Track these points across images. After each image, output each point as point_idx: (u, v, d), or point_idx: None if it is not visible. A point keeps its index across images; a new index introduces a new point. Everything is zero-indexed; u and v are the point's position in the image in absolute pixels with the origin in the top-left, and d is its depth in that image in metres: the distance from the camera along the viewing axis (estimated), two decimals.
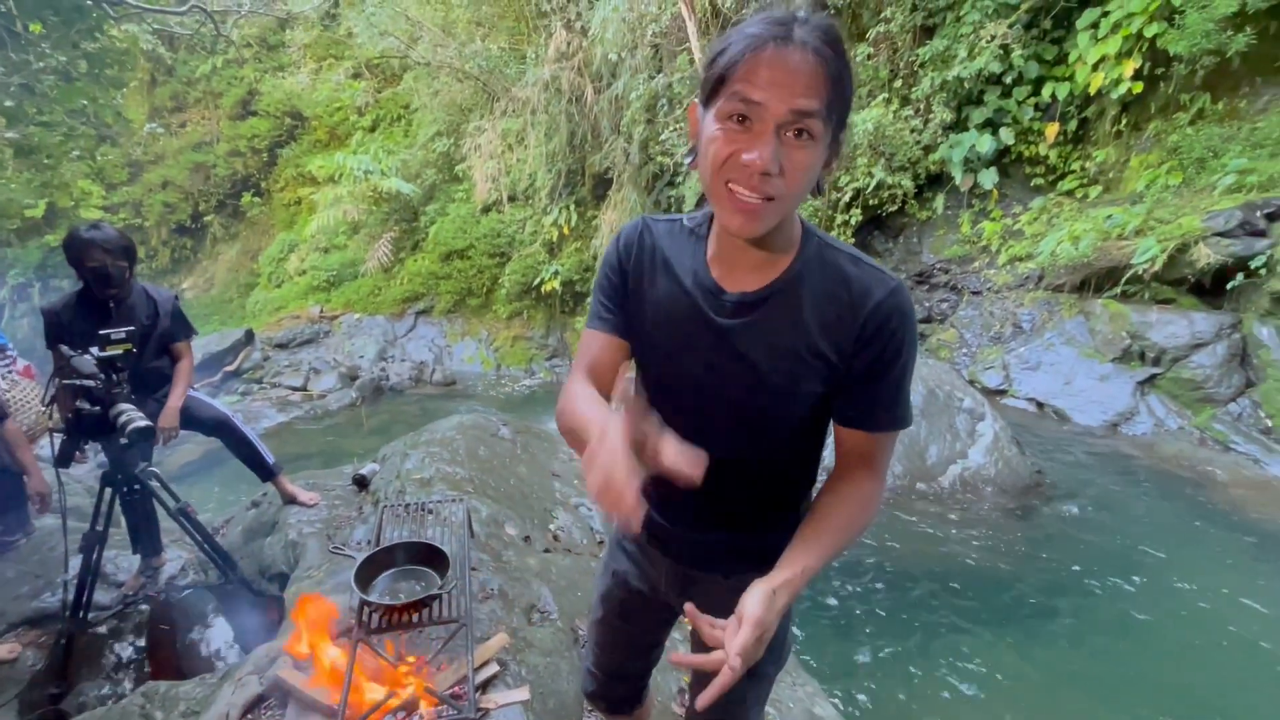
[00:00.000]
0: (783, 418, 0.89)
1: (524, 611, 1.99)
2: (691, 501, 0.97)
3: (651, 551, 1.08)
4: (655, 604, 1.14)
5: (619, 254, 0.95)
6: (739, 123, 0.71)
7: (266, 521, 2.78)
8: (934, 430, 4.26)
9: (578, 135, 8.68)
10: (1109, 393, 4.92)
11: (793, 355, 0.83)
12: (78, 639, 2.34)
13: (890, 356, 0.81)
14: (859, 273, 0.82)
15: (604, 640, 1.25)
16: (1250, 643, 2.68)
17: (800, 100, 0.69)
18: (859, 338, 0.81)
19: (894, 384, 0.83)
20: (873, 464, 0.88)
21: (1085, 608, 2.98)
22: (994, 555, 3.39)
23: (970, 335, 6.04)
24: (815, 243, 0.85)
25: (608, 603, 1.20)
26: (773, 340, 0.83)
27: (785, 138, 0.70)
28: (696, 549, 1.02)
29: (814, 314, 0.82)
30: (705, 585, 1.04)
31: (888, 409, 0.85)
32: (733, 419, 0.89)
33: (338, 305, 10.31)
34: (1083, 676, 2.55)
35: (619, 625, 1.20)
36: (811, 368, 0.83)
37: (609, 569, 1.19)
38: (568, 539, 2.61)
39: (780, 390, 0.85)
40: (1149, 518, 3.74)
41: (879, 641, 2.80)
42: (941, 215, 6.67)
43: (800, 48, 0.69)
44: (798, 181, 0.72)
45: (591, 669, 1.29)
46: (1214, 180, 4.97)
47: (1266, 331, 4.50)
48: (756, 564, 1.00)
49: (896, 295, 0.81)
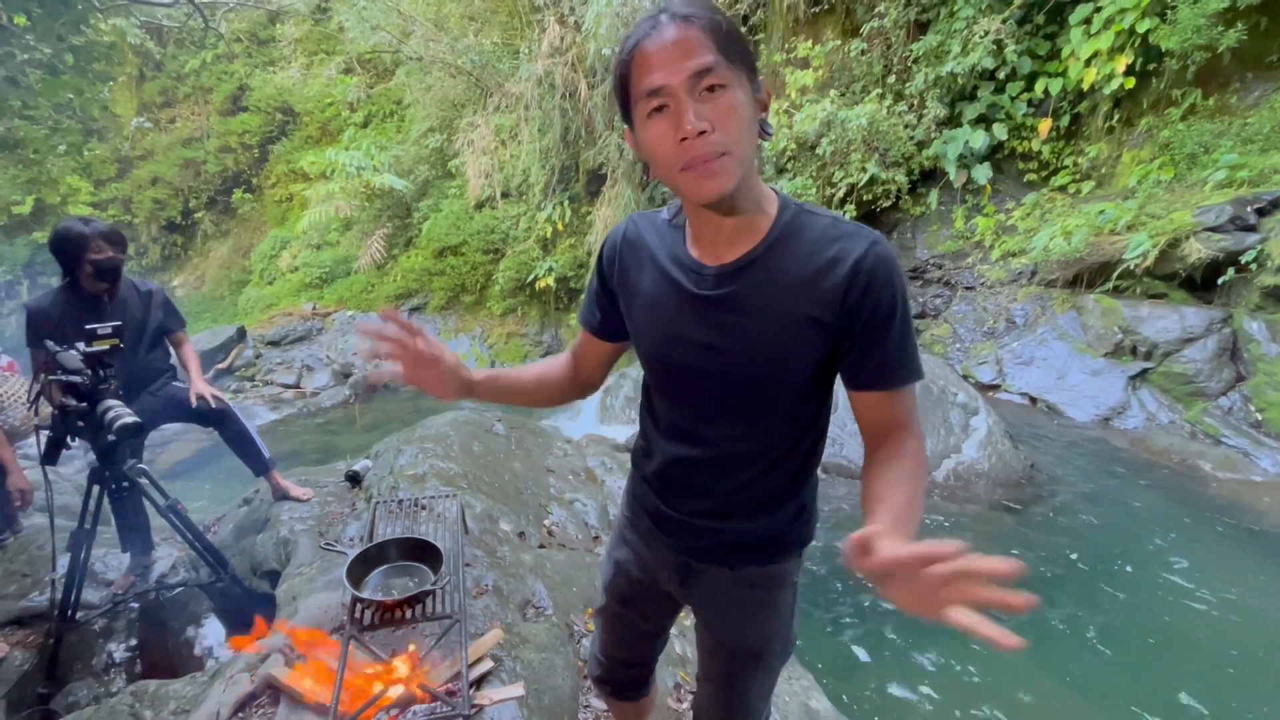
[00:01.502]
0: (781, 389, 0.87)
1: (519, 607, 1.98)
2: (697, 490, 0.97)
3: (654, 541, 1.08)
4: (656, 593, 1.14)
5: (603, 260, 0.99)
6: (659, 113, 0.76)
7: (258, 518, 2.76)
8: (928, 425, 4.27)
9: (571, 131, 8.64)
10: (1101, 387, 4.94)
11: (782, 318, 0.83)
12: (67, 638, 2.31)
13: (886, 309, 0.81)
14: (839, 231, 0.83)
15: (608, 627, 1.26)
16: (1240, 636, 2.69)
17: (691, 62, 0.73)
18: (847, 294, 0.80)
19: (897, 336, 0.83)
20: (903, 423, 0.86)
21: (1078, 600, 3.00)
22: (987, 548, 3.39)
23: (964, 330, 6.06)
24: (793, 209, 0.86)
25: (611, 591, 1.21)
26: (759, 305, 0.84)
27: (700, 97, 0.74)
28: (700, 539, 1.02)
29: (798, 275, 0.82)
30: (708, 576, 1.04)
31: (898, 363, 0.84)
32: (733, 399, 0.89)
33: (330, 302, 10.25)
34: (1075, 669, 2.56)
35: (621, 613, 1.21)
36: (802, 330, 0.83)
37: (611, 558, 1.20)
38: (562, 534, 2.60)
39: (775, 357, 0.84)
40: (1141, 511, 3.76)
41: (871, 636, 2.80)
42: (935, 211, 6.68)
43: (670, 22, 0.74)
44: (733, 125, 0.75)
45: (598, 654, 1.31)
46: (1205, 175, 4.99)
47: (1256, 326, 4.53)
48: (759, 555, 1.00)
49: (878, 246, 0.81)
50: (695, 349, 0.88)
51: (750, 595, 1.02)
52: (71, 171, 11.12)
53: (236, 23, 13.32)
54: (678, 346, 0.89)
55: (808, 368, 0.85)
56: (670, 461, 0.98)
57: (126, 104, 14.03)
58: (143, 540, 2.70)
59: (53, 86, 5.49)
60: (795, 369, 0.85)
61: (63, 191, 10.62)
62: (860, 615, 2.95)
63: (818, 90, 6.98)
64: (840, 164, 6.57)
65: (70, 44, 5.34)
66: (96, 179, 13.20)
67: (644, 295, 0.93)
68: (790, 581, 1.04)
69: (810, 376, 0.86)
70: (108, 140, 13.53)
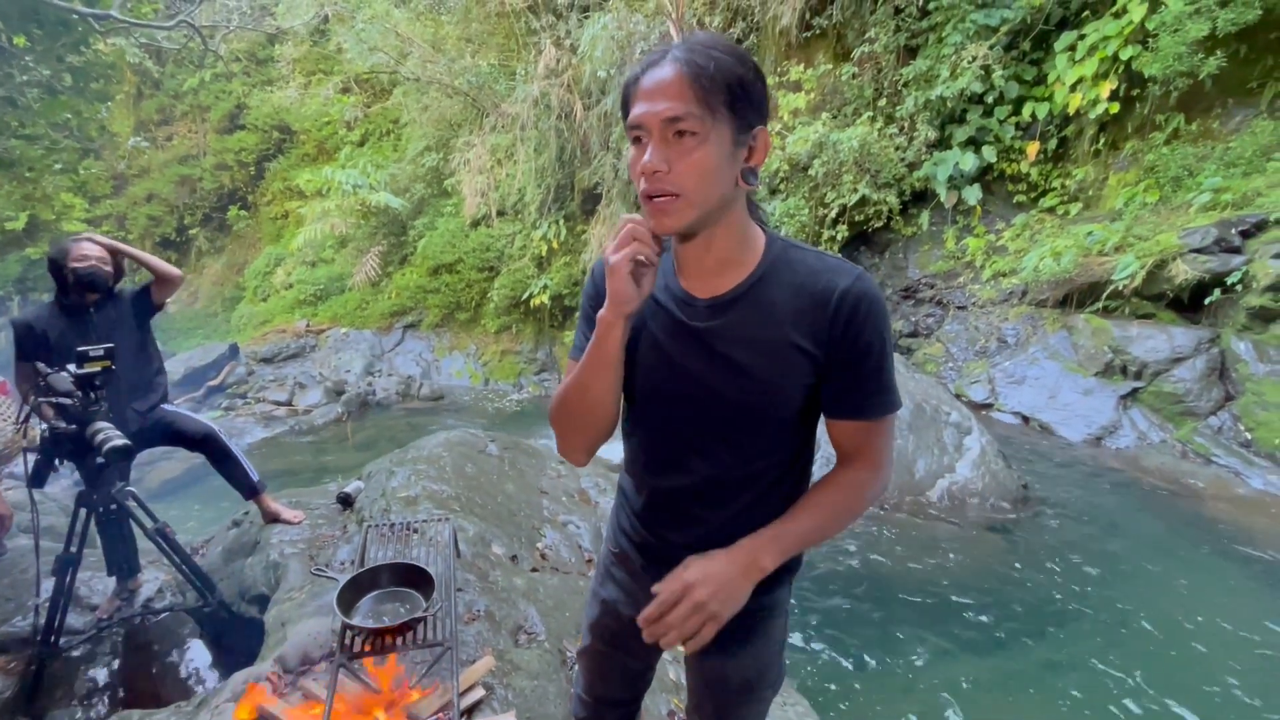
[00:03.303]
0: (772, 419, 0.89)
1: (511, 633, 1.96)
2: (688, 521, 0.97)
3: (645, 578, 1.06)
4: None
5: (595, 285, 0.99)
6: (637, 143, 0.81)
7: (248, 541, 2.72)
8: (922, 444, 4.28)
9: (567, 151, 8.73)
10: (1093, 406, 4.97)
11: (772, 349, 0.86)
12: (49, 664, 2.26)
13: (866, 341, 0.84)
14: (824, 265, 0.87)
15: (594, 668, 1.22)
16: (1231, 657, 2.69)
17: (667, 107, 0.76)
18: (832, 325, 0.84)
19: (875, 368, 0.86)
20: (869, 453, 0.90)
21: (1070, 621, 2.99)
22: (980, 568, 3.40)
23: (956, 350, 6.10)
24: (780, 245, 0.90)
25: (597, 631, 1.18)
26: (750, 337, 0.86)
27: (670, 139, 0.78)
28: None
29: (787, 308, 0.85)
30: None
31: (874, 394, 0.87)
32: (723, 428, 0.90)
33: (324, 319, 10.23)
34: (1068, 690, 2.54)
35: (609, 653, 1.18)
36: (792, 361, 0.85)
37: (597, 597, 1.17)
38: (555, 558, 2.58)
39: (765, 387, 0.87)
40: (1133, 530, 3.77)
41: (865, 656, 2.78)
42: (926, 231, 6.77)
43: (670, 64, 0.77)
44: (689, 173, 0.78)
45: (582, 695, 1.27)
46: (1190, 198, 5.09)
47: (1244, 346, 4.58)
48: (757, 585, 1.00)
49: (862, 281, 0.85)
50: (687, 379, 0.89)
51: (743, 625, 1.02)
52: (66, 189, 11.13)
53: (236, 43, 13.44)
54: (669, 376, 0.91)
55: (797, 397, 0.88)
56: (660, 493, 0.98)
57: (124, 121, 14.09)
58: (129, 563, 2.65)
59: (51, 106, 5.52)
60: (785, 398, 0.87)
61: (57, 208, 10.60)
62: (852, 635, 2.92)
63: (810, 113, 7.09)
64: (832, 185, 6.66)
65: (69, 64, 5.38)
66: (91, 196, 13.20)
67: (635, 324, 0.93)
68: (783, 610, 1.04)
69: (799, 406, 0.89)
70: (104, 158, 13.56)
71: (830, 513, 0.89)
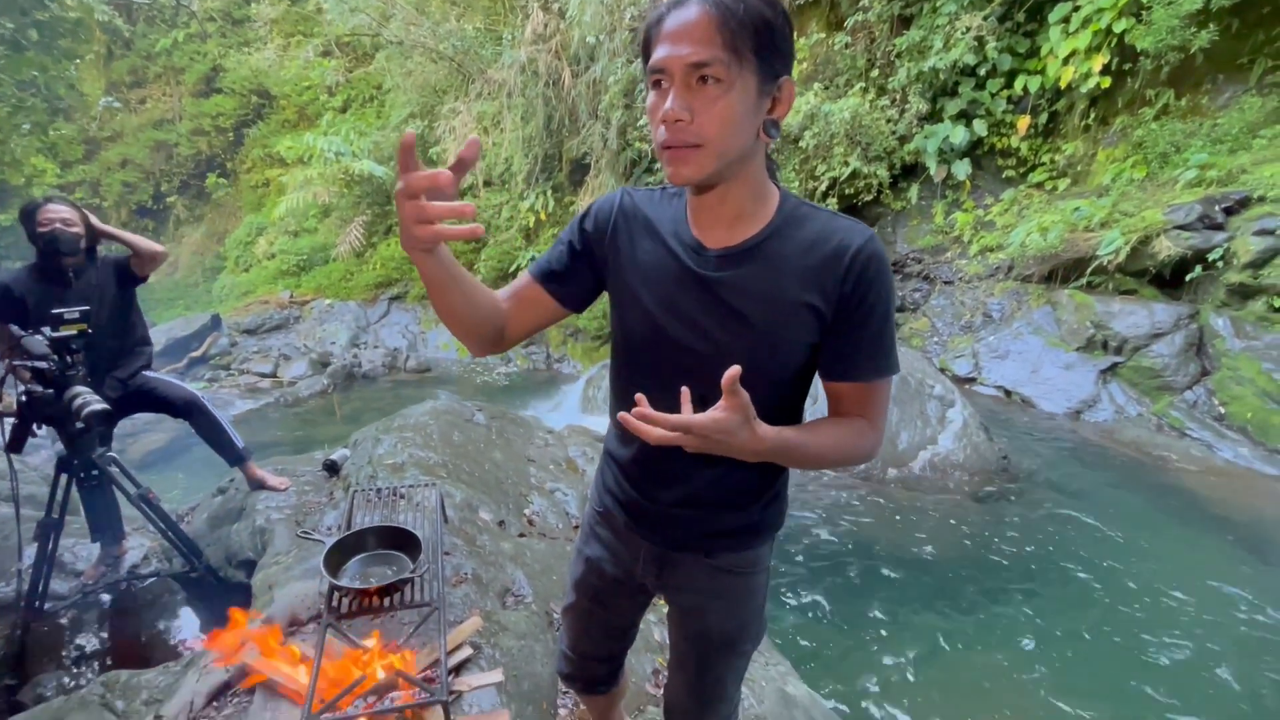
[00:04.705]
0: (772, 376, 0.88)
1: (498, 595, 1.98)
2: (676, 478, 0.97)
3: (629, 535, 1.07)
4: (630, 588, 1.14)
5: (590, 221, 0.96)
6: (657, 87, 0.78)
7: (233, 508, 2.72)
8: (905, 416, 4.34)
9: (555, 119, 8.57)
10: (1073, 381, 5.06)
11: (781, 305, 0.84)
12: (34, 629, 2.26)
13: (873, 301, 0.83)
14: (836, 224, 0.86)
15: (578, 624, 1.24)
16: (1196, 615, 2.80)
17: (692, 52, 0.73)
18: (843, 284, 0.83)
19: (878, 330, 0.85)
20: (867, 415, 0.89)
21: (1044, 588, 3.08)
22: (960, 537, 3.48)
23: (941, 324, 6.15)
24: (793, 202, 0.88)
25: (581, 588, 1.19)
26: (759, 291, 0.85)
27: (694, 86, 0.75)
28: (678, 529, 1.02)
29: (798, 264, 0.84)
30: (685, 565, 1.04)
31: (876, 355, 0.86)
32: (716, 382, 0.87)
33: (308, 290, 10.08)
34: (1040, 656, 2.63)
35: (593, 609, 1.20)
36: (800, 317, 0.84)
37: (582, 555, 1.18)
38: (542, 523, 2.60)
39: (771, 342, 0.86)
40: (1106, 500, 3.87)
41: (846, 623, 2.85)
42: (916, 205, 6.76)
43: (696, 3, 0.74)
44: (713, 122, 0.75)
45: (566, 651, 1.29)
46: (1176, 174, 5.11)
47: (1222, 322, 4.66)
48: (736, 542, 1.01)
49: (874, 243, 0.84)
50: (689, 327, 0.88)
51: (727, 582, 1.03)
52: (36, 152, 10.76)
53: (210, 1, 12.95)
54: (671, 320, 0.89)
55: (800, 353, 0.87)
56: (649, 452, 0.96)
57: (94, 83, 13.59)
58: (113, 530, 2.65)
59: (16, 63, 5.30)
60: (789, 354, 0.87)
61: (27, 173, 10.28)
62: (832, 603, 3.00)
63: (801, 83, 7.00)
64: (823, 157, 6.61)
65: (34, 19, 5.15)
66: (63, 160, 12.79)
67: (641, 264, 0.91)
68: (764, 566, 1.06)
69: (800, 364, 0.88)
70: (74, 120, 13.10)
71: (831, 440, 0.87)
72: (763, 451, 0.79)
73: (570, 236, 0.98)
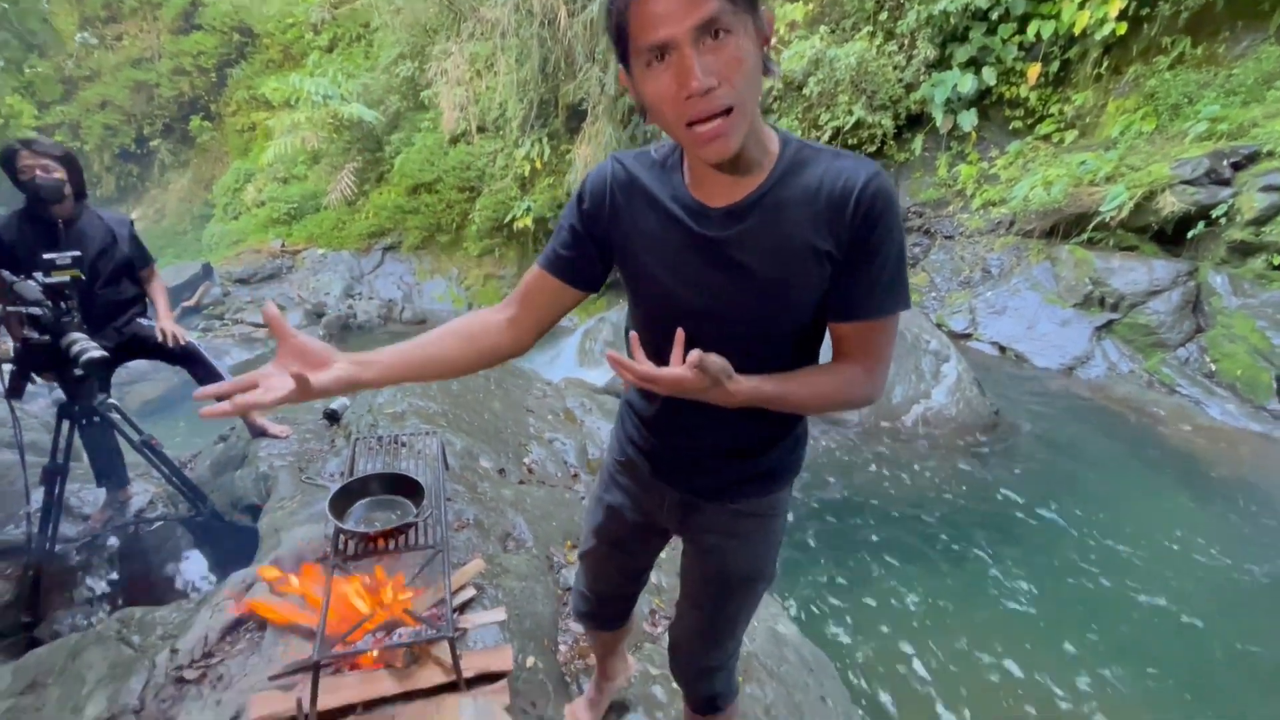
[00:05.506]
0: (788, 326, 0.87)
1: (499, 540, 2.04)
2: (698, 431, 0.98)
3: (653, 483, 1.09)
4: (651, 533, 1.17)
5: (586, 200, 0.93)
6: (661, 61, 0.71)
7: (236, 454, 2.75)
8: (901, 371, 4.37)
9: (550, 62, 8.24)
10: (1069, 337, 5.08)
11: (790, 255, 0.82)
12: (47, 569, 2.32)
13: (881, 237, 0.80)
14: (841, 164, 0.82)
15: (596, 568, 1.28)
16: (1174, 564, 2.91)
17: (696, 14, 0.68)
18: (852, 223, 0.80)
19: (885, 266, 0.82)
20: (869, 353, 0.87)
21: (1031, 537, 3.18)
22: (948, 490, 3.57)
23: (940, 279, 6.13)
24: (794, 145, 0.85)
25: (601, 534, 1.21)
26: (767, 244, 0.82)
27: (704, 45, 0.70)
28: (702, 478, 1.03)
29: (805, 211, 0.81)
30: (708, 511, 1.06)
31: (883, 292, 0.83)
32: (739, 339, 0.87)
33: (300, 239, 9.91)
34: (1022, 603, 2.73)
35: (613, 554, 1.22)
36: (810, 263, 0.82)
37: (602, 503, 1.20)
38: (542, 472, 2.65)
39: (783, 293, 0.84)
40: (1095, 455, 3.95)
41: (836, 570, 2.95)
42: (919, 157, 6.62)
43: None
44: (739, 78, 0.71)
45: (584, 592, 1.33)
46: (1186, 127, 5.00)
47: (1220, 279, 4.66)
48: (759, 487, 1.04)
49: (879, 178, 0.81)
50: (702, 292, 0.86)
51: (748, 524, 1.06)
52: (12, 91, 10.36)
53: None
54: (683, 287, 0.87)
55: (814, 301, 0.85)
56: (672, 404, 0.93)
57: (67, 17, 12.96)
58: (118, 475, 2.69)
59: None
60: (802, 304, 0.85)
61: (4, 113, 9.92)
62: (823, 552, 3.09)
63: (807, 26, 6.73)
64: (827, 105, 6.43)
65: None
66: (40, 101, 12.32)
67: (646, 236, 0.89)
68: (784, 509, 1.09)
69: (815, 310, 0.87)
70: (50, 58, 12.56)
71: (813, 390, 0.87)
72: (739, 404, 0.81)
73: (570, 220, 0.94)
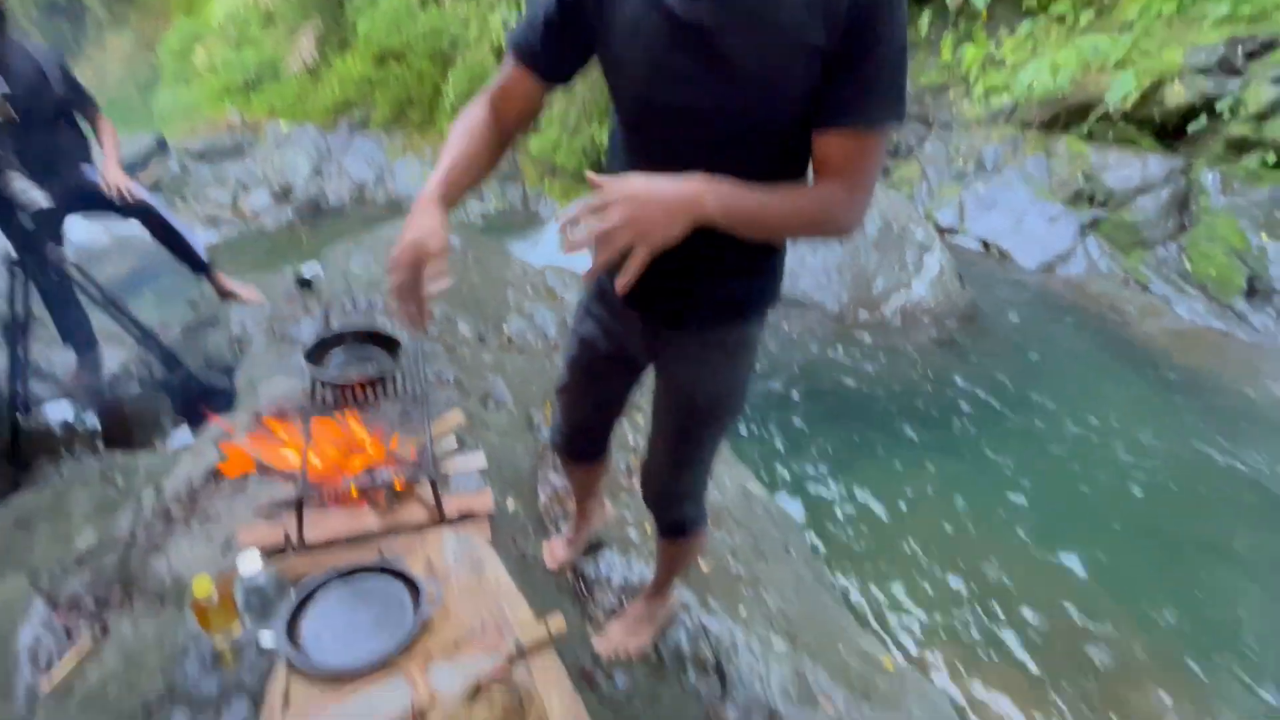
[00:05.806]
0: (771, 126, 0.82)
1: (479, 399, 2.06)
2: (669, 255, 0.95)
3: (625, 312, 1.08)
4: (621, 362, 1.18)
5: None
6: None
7: (208, 316, 2.69)
8: (884, 261, 4.36)
9: None
10: (1054, 233, 5.05)
11: (780, 48, 0.75)
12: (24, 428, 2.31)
13: (878, 32, 0.73)
14: None
15: (570, 399, 1.31)
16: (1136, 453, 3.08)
17: None
18: (848, 15, 0.72)
19: (880, 67, 0.75)
20: (850, 173, 0.81)
21: (1001, 425, 3.31)
22: (925, 379, 3.67)
23: (932, 171, 5.96)
24: None
25: (574, 367, 1.24)
26: (757, 34, 0.75)
27: None
28: (672, 303, 1.01)
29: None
30: (678, 339, 1.06)
31: (874, 95, 0.76)
32: (719, 139, 0.82)
33: (260, 111, 9.20)
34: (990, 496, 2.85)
35: (585, 384, 1.26)
36: (799, 56, 0.75)
37: (576, 335, 1.21)
38: (521, 341, 2.65)
39: (768, 87, 0.78)
40: (1064, 348, 4.07)
41: (800, 457, 3.02)
42: (924, 38, 6.22)
43: None
44: None
45: (560, 425, 1.38)
46: (1207, 10, 4.72)
47: (1212, 177, 4.59)
48: (730, 316, 1.03)
49: None
50: (683, 85, 0.80)
51: (716, 355, 1.06)
52: None
53: None
54: (662, 83, 0.81)
55: (801, 100, 0.79)
56: None
57: None
58: (84, 334, 2.62)
59: None
60: (787, 101, 0.79)
61: None
62: (796, 435, 3.21)
63: None
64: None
65: None
66: None
67: (623, 21, 0.81)
68: (753, 344, 1.09)
69: (802, 111, 0.80)
70: None
71: (790, 208, 0.82)
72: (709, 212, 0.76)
73: (547, 10, 0.85)
